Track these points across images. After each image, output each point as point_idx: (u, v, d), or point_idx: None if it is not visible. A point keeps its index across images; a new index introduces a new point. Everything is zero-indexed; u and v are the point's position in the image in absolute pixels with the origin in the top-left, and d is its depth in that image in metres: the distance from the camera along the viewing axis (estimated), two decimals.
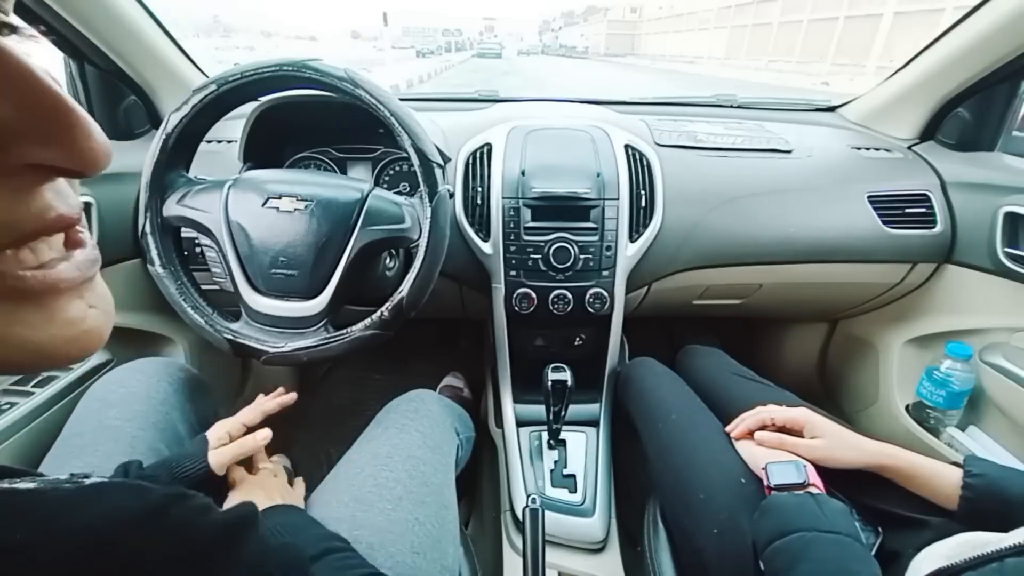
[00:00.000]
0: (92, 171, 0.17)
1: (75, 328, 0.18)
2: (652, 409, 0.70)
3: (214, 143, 0.87)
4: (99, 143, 0.17)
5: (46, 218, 0.17)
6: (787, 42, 19.43)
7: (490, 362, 0.93)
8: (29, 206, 0.17)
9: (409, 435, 0.60)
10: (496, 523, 0.77)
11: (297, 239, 0.57)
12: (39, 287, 0.17)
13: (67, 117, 0.16)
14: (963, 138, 0.91)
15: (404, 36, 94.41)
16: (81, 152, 0.17)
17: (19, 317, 0.17)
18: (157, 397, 0.59)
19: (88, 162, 0.17)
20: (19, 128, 0.15)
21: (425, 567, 0.49)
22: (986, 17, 0.76)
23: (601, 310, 0.79)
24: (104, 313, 0.20)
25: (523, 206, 0.77)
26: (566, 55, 49.05)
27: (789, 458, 0.54)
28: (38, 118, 0.16)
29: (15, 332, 0.17)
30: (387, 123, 0.57)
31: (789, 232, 0.84)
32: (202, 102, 0.56)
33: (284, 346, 0.58)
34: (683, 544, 0.57)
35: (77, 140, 0.16)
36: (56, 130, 0.16)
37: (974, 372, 0.80)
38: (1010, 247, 0.76)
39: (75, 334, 0.18)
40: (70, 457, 0.52)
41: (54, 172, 0.17)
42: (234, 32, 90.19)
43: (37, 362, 0.18)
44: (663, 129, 0.93)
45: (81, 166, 0.17)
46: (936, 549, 0.42)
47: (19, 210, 0.16)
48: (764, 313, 1.11)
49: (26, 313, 0.17)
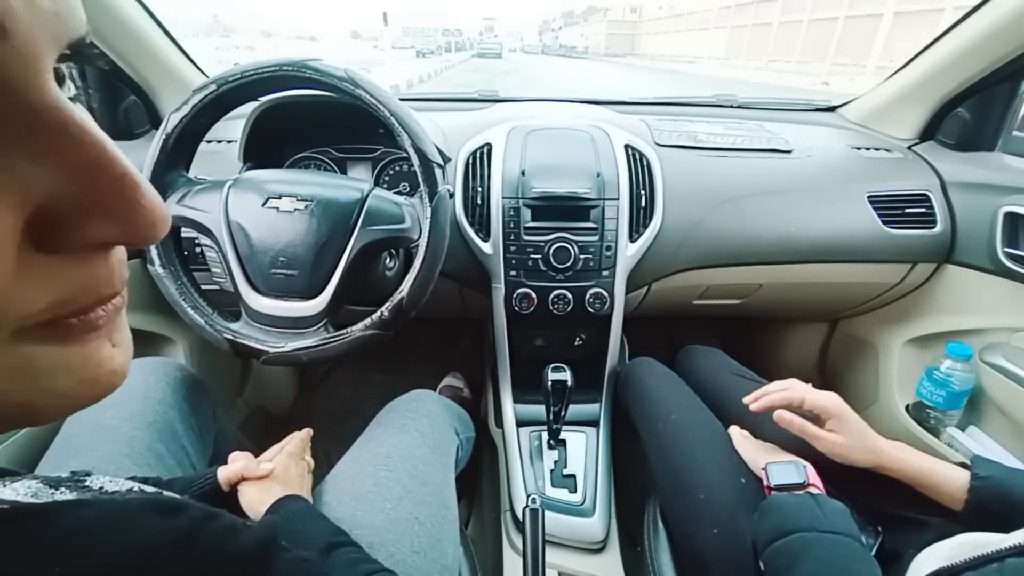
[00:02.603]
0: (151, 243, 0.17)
1: (102, 369, 0.18)
2: (652, 409, 0.70)
3: (214, 143, 0.87)
4: (160, 218, 0.16)
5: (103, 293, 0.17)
6: (787, 42, 19.44)
7: (490, 362, 0.93)
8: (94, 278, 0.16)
9: (409, 435, 0.61)
10: (496, 523, 0.77)
11: (297, 239, 0.57)
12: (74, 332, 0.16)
13: (134, 194, 0.15)
14: (963, 138, 0.91)
15: (404, 36, 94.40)
16: (144, 228, 0.16)
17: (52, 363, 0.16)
18: (155, 397, 0.58)
19: (149, 238, 0.16)
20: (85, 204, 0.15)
21: (425, 567, 0.49)
22: (986, 17, 0.76)
23: (601, 310, 0.79)
24: (125, 351, 0.19)
25: (523, 206, 0.77)
26: (566, 55, 49.05)
27: (789, 458, 0.54)
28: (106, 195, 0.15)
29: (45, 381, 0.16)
30: (387, 123, 0.56)
31: (789, 232, 0.84)
32: (202, 102, 0.56)
33: (284, 346, 0.58)
34: (683, 544, 0.57)
35: (142, 217, 0.16)
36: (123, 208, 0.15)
37: (974, 372, 0.80)
38: (1010, 247, 0.76)
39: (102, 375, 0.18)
40: (67, 457, 0.52)
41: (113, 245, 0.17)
42: (234, 32, 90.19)
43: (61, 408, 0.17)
44: (663, 129, 0.93)
45: (140, 241, 0.16)
46: (936, 549, 0.42)
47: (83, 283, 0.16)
48: (764, 313, 1.11)
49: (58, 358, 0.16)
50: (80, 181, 0.14)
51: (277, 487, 0.50)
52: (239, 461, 0.52)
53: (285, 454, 0.56)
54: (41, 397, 0.16)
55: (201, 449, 0.61)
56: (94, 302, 0.16)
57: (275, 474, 0.52)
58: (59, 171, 0.14)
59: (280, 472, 0.53)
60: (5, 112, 0.13)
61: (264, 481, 0.51)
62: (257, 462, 0.53)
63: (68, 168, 0.14)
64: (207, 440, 0.62)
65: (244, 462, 0.51)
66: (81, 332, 0.17)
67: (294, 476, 0.54)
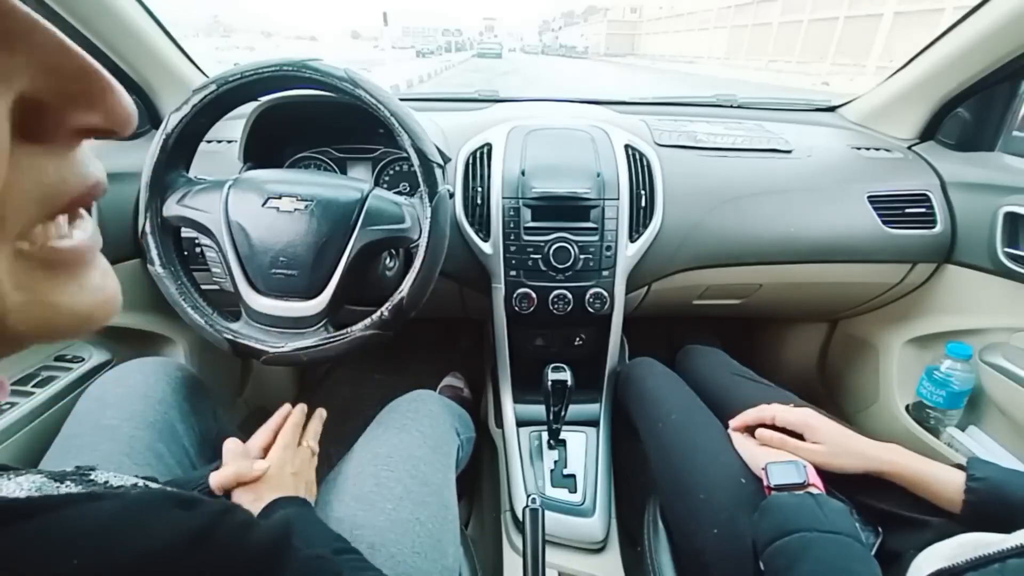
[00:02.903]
0: (127, 130, 0.18)
1: (102, 294, 0.19)
2: (652, 409, 0.70)
3: (214, 143, 0.87)
4: (127, 103, 0.18)
5: (87, 183, 0.18)
6: (787, 42, 19.43)
7: (490, 362, 0.93)
8: (74, 171, 0.18)
9: (409, 435, 0.60)
10: (496, 523, 0.77)
11: (297, 239, 0.57)
12: (70, 256, 0.18)
13: (100, 81, 0.17)
14: (963, 138, 0.91)
15: (404, 36, 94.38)
16: (116, 112, 0.18)
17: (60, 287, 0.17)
18: (155, 396, 0.58)
19: (123, 121, 0.18)
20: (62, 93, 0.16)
21: (425, 567, 0.49)
22: (986, 17, 0.76)
23: (601, 310, 0.79)
24: (114, 280, 0.21)
25: (523, 206, 0.77)
26: (566, 55, 49.04)
27: (789, 458, 0.54)
28: (79, 84, 0.16)
29: (63, 301, 0.17)
30: (387, 123, 0.56)
31: (789, 232, 0.84)
32: (202, 102, 0.56)
33: (284, 346, 0.58)
34: (683, 544, 0.57)
35: (112, 101, 0.17)
36: (95, 94, 0.17)
37: (974, 372, 0.80)
38: (1010, 247, 0.76)
39: (102, 299, 0.19)
40: (68, 457, 0.52)
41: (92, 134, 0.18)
42: (234, 32, 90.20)
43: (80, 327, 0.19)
44: (663, 129, 0.93)
45: (118, 125, 0.18)
46: (937, 549, 0.42)
47: (68, 175, 0.17)
48: (764, 313, 1.11)
49: (62, 283, 0.18)
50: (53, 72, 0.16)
51: (270, 492, 0.49)
52: (231, 465, 0.50)
53: (280, 447, 0.54)
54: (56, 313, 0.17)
55: (201, 449, 0.61)
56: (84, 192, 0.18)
57: (268, 475, 0.51)
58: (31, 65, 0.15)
59: (275, 471, 0.51)
60: None
61: (257, 485, 0.50)
62: (251, 463, 0.51)
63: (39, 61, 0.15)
64: (207, 440, 0.62)
65: (236, 467, 0.50)
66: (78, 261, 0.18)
67: (288, 476, 0.52)
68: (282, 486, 0.51)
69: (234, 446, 0.53)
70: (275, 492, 0.49)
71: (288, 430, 0.57)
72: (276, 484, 0.51)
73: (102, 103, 0.17)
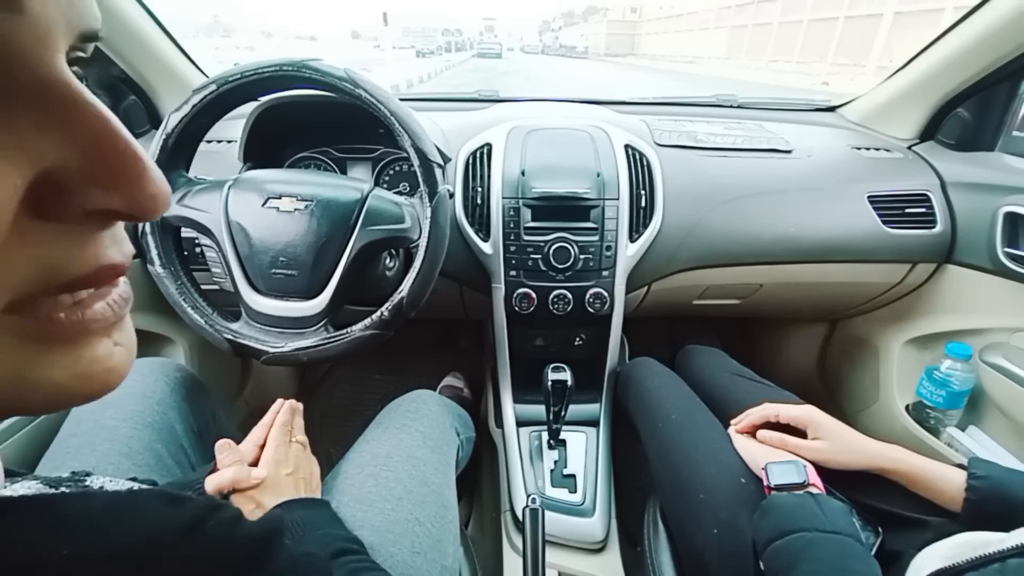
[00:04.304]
0: (151, 218, 0.17)
1: (99, 366, 0.18)
2: (652, 409, 0.70)
3: (214, 143, 0.87)
4: (162, 191, 0.17)
5: (98, 265, 0.17)
6: (787, 42, 19.44)
7: (490, 362, 0.93)
8: (84, 252, 0.16)
9: (409, 435, 0.60)
10: (496, 523, 0.77)
11: (297, 239, 0.57)
12: (71, 329, 0.16)
13: (136, 165, 0.16)
14: (963, 138, 0.91)
15: (404, 36, 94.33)
16: (144, 200, 0.16)
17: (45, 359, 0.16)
18: (154, 397, 0.58)
19: (149, 210, 0.17)
20: (87, 174, 0.15)
21: (425, 567, 0.49)
22: (986, 17, 0.76)
23: (601, 310, 0.79)
24: (128, 351, 0.19)
25: (523, 206, 0.77)
26: (566, 55, 49.02)
27: (789, 458, 0.54)
28: (108, 165, 0.16)
29: (47, 376, 0.16)
30: (387, 123, 0.56)
31: (789, 232, 0.84)
32: (202, 102, 0.56)
33: (284, 346, 0.58)
34: (683, 544, 0.57)
35: (143, 188, 0.16)
36: (124, 178, 0.16)
37: (974, 372, 0.80)
38: (1010, 247, 0.76)
39: (97, 372, 0.18)
40: (67, 458, 0.52)
41: (113, 217, 0.17)
42: (234, 32, 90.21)
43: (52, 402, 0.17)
44: (663, 129, 0.93)
45: (141, 213, 0.17)
46: (937, 549, 0.42)
47: (73, 256, 0.16)
48: (764, 313, 1.11)
49: (53, 355, 0.16)
50: (85, 152, 0.15)
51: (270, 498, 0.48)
52: (229, 470, 0.49)
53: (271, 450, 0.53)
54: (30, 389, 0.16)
55: (200, 449, 0.61)
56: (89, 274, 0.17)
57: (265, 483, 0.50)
58: (65, 141, 0.15)
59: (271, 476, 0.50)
60: (17, 82, 0.14)
61: (256, 493, 0.49)
62: (248, 471, 0.50)
63: (73, 139, 0.15)
64: (207, 440, 0.62)
65: (233, 472, 0.49)
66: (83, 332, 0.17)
67: (284, 478, 0.51)
68: (280, 490, 0.50)
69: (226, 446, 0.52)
70: (275, 497, 0.49)
71: (277, 431, 0.56)
72: (274, 489, 0.50)
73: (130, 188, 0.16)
